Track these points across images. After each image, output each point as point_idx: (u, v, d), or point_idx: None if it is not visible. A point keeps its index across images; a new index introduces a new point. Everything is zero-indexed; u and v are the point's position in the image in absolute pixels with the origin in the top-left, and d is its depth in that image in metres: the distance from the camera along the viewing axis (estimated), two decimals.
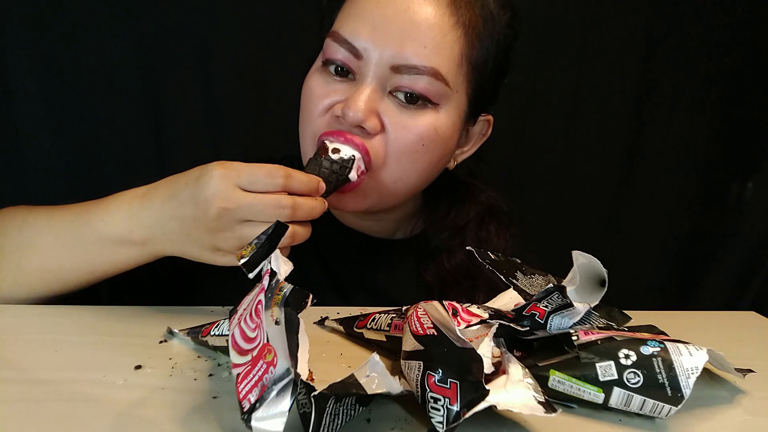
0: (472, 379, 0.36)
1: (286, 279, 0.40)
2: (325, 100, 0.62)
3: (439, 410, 0.36)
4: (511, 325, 0.45)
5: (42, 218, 0.60)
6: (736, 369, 0.47)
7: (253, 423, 0.35)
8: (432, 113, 0.62)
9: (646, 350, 0.42)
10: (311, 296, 0.37)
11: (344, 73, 0.62)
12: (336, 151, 0.57)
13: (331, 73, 0.63)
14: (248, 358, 0.38)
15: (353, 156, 0.58)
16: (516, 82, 1.15)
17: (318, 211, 0.55)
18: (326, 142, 0.60)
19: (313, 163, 0.59)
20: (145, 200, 0.55)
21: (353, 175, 0.59)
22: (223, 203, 0.50)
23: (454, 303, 0.49)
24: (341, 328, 0.57)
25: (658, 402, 0.40)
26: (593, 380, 0.42)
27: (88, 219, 0.57)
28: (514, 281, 0.51)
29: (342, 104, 0.60)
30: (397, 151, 0.61)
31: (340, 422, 0.37)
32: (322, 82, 0.63)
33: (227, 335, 0.44)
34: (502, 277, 0.51)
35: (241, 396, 0.36)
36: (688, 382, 0.40)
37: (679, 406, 0.40)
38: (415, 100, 0.60)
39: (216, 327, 0.50)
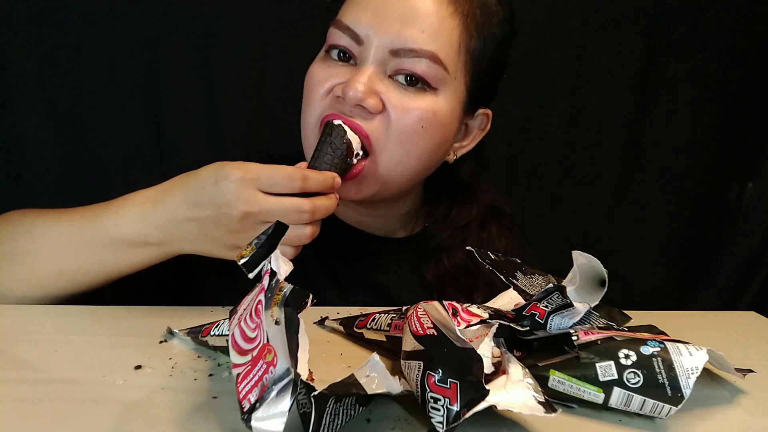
0: (472, 379, 0.36)
1: (287, 277, 0.40)
2: (325, 83, 0.64)
3: (439, 410, 0.36)
4: (511, 325, 0.45)
5: (51, 222, 0.60)
6: (736, 369, 0.47)
7: (253, 423, 0.35)
8: (431, 97, 0.63)
9: (646, 350, 0.42)
10: (311, 296, 0.37)
11: (346, 58, 0.65)
12: (339, 132, 0.60)
13: (333, 59, 0.65)
14: (248, 358, 0.38)
15: (351, 139, 0.61)
16: (516, 81, 1.16)
17: (334, 208, 0.57)
18: (331, 121, 0.61)
19: (324, 151, 0.59)
20: (157, 203, 0.56)
21: (353, 161, 0.62)
22: (246, 207, 0.51)
23: (454, 303, 0.49)
24: (341, 328, 0.57)
25: (658, 402, 0.40)
26: (593, 380, 0.42)
27: (100, 222, 0.57)
28: (514, 281, 0.51)
29: (342, 85, 0.62)
30: (397, 132, 0.63)
31: (340, 422, 0.37)
32: (324, 67, 0.66)
33: (227, 335, 0.44)
34: (502, 277, 0.51)
35: (241, 396, 0.36)
36: (688, 382, 0.40)
37: (679, 406, 0.40)
38: (414, 83, 0.63)
39: (216, 327, 0.50)
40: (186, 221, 0.54)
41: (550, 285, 0.45)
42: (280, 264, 0.41)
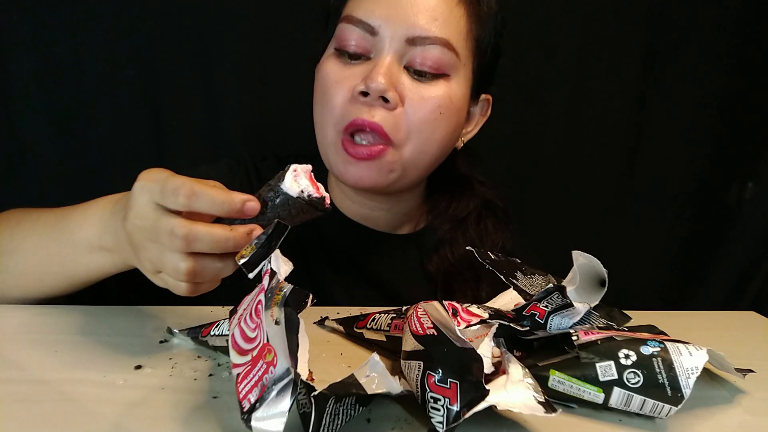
0: (472, 379, 0.36)
1: (292, 274, 0.40)
2: (343, 83, 0.65)
3: (439, 410, 0.36)
4: (511, 325, 0.45)
5: (31, 221, 0.60)
6: (736, 369, 0.47)
7: (253, 423, 0.35)
8: (445, 83, 0.65)
9: (646, 350, 0.42)
10: (311, 296, 0.37)
11: (358, 57, 0.65)
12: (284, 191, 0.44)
13: (346, 59, 0.66)
14: (248, 358, 0.38)
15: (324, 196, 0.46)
16: (516, 81, 1.16)
17: (232, 244, 0.42)
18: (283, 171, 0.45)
19: (269, 202, 0.44)
20: (116, 206, 0.51)
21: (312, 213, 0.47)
22: (137, 220, 0.44)
23: (454, 303, 0.49)
24: (341, 328, 0.57)
25: (658, 402, 0.40)
26: (593, 380, 0.42)
27: (67, 223, 0.55)
28: (514, 281, 0.51)
29: (362, 82, 0.62)
30: (418, 122, 0.64)
31: (340, 422, 0.37)
32: (339, 66, 0.66)
33: (227, 335, 0.44)
34: (502, 277, 0.51)
35: (241, 396, 0.36)
36: (688, 382, 0.40)
37: (679, 406, 0.40)
38: (428, 72, 0.64)
39: (216, 327, 0.50)
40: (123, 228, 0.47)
41: (550, 285, 0.45)
42: (280, 264, 0.41)
